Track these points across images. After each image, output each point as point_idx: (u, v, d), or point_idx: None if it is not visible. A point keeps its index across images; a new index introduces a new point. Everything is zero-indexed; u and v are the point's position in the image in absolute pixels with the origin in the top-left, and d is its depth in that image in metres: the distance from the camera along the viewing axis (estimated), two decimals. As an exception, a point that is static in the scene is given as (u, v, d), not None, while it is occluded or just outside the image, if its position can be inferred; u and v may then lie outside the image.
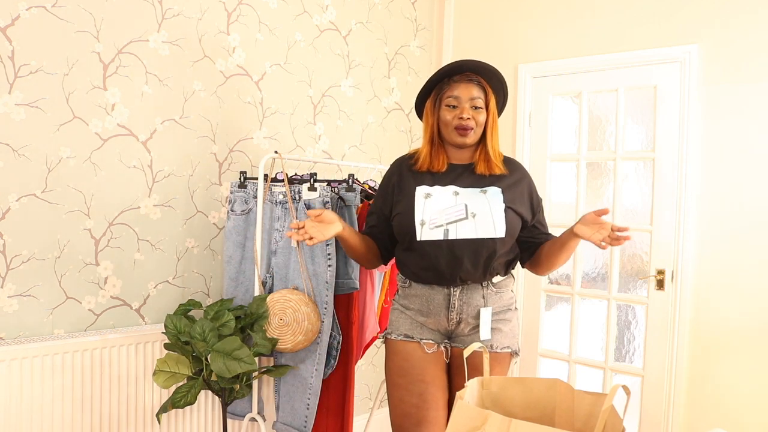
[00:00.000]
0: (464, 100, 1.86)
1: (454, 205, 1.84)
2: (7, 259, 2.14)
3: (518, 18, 3.41)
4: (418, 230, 1.83)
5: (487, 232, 1.81)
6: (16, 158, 2.14)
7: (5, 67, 2.10)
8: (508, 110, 3.45)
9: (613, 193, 3.10)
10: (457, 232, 1.81)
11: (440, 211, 1.83)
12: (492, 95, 1.91)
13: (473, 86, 1.88)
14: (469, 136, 1.88)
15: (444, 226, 1.82)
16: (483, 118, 1.89)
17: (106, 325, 2.40)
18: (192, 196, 2.64)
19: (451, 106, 1.88)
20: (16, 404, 2.06)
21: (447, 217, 1.82)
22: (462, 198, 1.85)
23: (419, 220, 1.83)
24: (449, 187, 1.88)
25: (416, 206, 1.85)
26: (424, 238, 1.82)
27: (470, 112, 1.86)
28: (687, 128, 2.85)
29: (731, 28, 2.74)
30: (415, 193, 1.87)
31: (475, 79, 1.89)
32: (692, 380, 2.85)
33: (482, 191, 1.86)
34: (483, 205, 1.83)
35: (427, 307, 1.90)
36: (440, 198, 1.85)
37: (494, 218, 1.82)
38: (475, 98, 1.87)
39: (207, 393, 2.55)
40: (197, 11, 2.61)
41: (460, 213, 1.83)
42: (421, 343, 1.90)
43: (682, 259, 2.87)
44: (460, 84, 1.88)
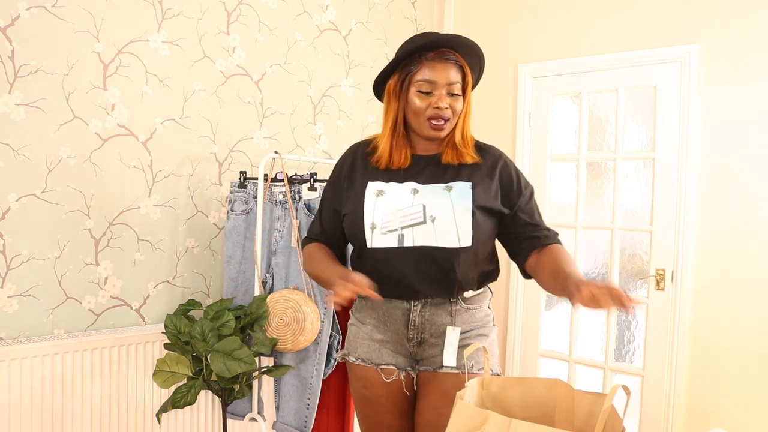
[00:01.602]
0: (441, 86, 1.52)
1: (410, 206, 1.53)
2: (7, 259, 2.14)
3: (518, 18, 3.41)
4: (368, 235, 1.53)
5: (449, 240, 1.51)
6: (16, 158, 2.14)
7: (5, 67, 2.10)
8: (509, 110, 3.44)
9: (613, 193, 3.10)
10: (414, 238, 1.51)
11: (394, 212, 1.53)
12: (470, 77, 1.59)
13: (451, 67, 1.54)
14: (444, 130, 1.56)
15: (398, 231, 1.51)
16: (461, 105, 1.57)
17: (106, 325, 2.40)
18: (192, 196, 2.64)
19: (424, 92, 1.53)
20: (16, 404, 2.06)
21: (402, 220, 1.52)
22: (421, 197, 1.54)
23: (369, 223, 1.53)
24: (407, 184, 1.57)
25: (366, 206, 1.55)
26: (375, 245, 1.53)
27: (447, 100, 1.54)
28: (687, 128, 2.85)
29: (731, 28, 2.74)
30: (365, 190, 1.57)
31: (452, 57, 1.54)
32: (692, 380, 2.85)
33: (446, 188, 1.55)
34: (445, 206, 1.52)
35: (384, 323, 1.61)
36: (395, 196, 1.55)
37: (458, 223, 1.51)
38: (453, 83, 1.54)
39: (207, 393, 2.55)
40: (197, 11, 2.61)
41: (417, 216, 1.52)
42: (378, 370, 1.61)
43: (682, 259, 2.87)
44: (436, 65, 1.53)
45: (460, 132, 1.60)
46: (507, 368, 3.39)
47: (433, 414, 1.54)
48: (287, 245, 2.47)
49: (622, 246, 3.09)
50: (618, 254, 3.09)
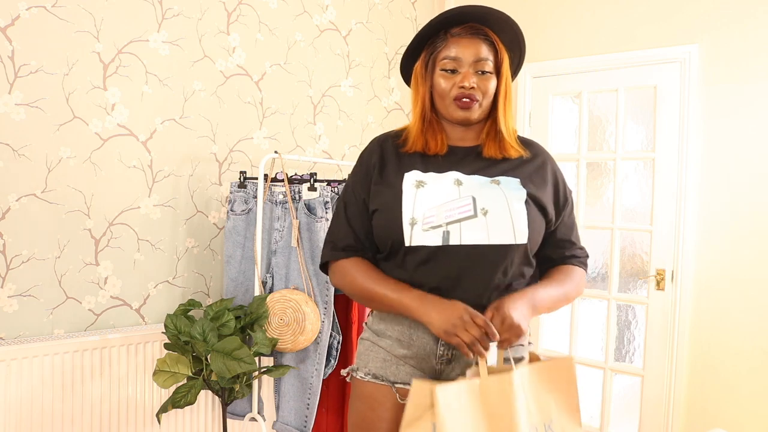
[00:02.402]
0: (466, 63, 1.36)
1: (457, 198, 1.33)
2: (7, 259, 2.14)
3: (518, 18, 3.38)
4: (407, 232, 1.31)
5: (504, 236, 1.31)
6: (16, 158, 2.14)
7: (5, 67, 2.10)
8: (508, 110, 3.44)
9: (613, 193, 3.10)
10: (462, 235, 1.30)
11: (438, 206, 1.32)
12: (505, 55, 1.41)
13: (479, 43, 1.37)
14: (473, 110, 1.38)
15: (443, 227, 1.31)
16: (493, 85, 1.38)
17: (106, 325, 2.40)
18: (192, 196, 2.64)
19: (449, 71, 1.37)
20: (16, 404, 2.06)
21: (448, 215, 1.31)
22: (467, 189, 1.35)
23: (408, 219, 1.32)
24: (449, 174, 1.38)
25: (405, 199, 1.34)
26: (416, 243, 1.31)
27: (474, 78, 1.36)
28: (687, 128, 2.85)
29: (731, 28, 2.74)
30: (402, 181, 1.37)
31: (482, 32, 1.38)
32: (692, 380, 2.85)
33: (494, 181, 1.37)
34: (497, 198, 1.33)
35: (409, 337, 1.38)
36: (437, 188, 1.35)
37: (513, 217, 1.32)
38: (482, 60, 1.37)
39: (207, 393, 2.55)
40: (197, 11, 2.61)
41: (467, 209, 1.32)
42: (393, 389, 1.38)
43: (682, 259, 2.87)
44: (462, 40, 1.37)
45: (502, 120, 1.41)
46: (507, 368, 3.38)
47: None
48: (287, 245, 2.47)
49: (622, 246, 3.09)
50: (618, 254, 3.09)
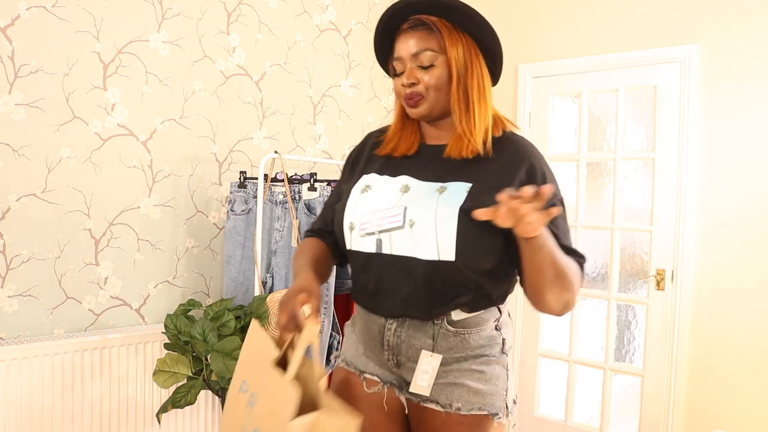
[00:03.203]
0: (406, 59, 1.31)
1: (390, 207, 1.29)
2: (7, 259, 2.14)
3: (518, 18, 3.41)
4: (347, 236, 1.34)
5: (428, 252, 1.23)
6: (16, 158, 2.14)
7: (5, 67, 2.10)
8: (509, 110, 3.44)
9: (613, 193, 3.10)
10: (392, 245, 1.27)
11: (373, 212, 1.30)
12: (452, 39, 1.30)
13: (415, 35, 1.30)
14: (419, 106, 1.31)
15: (376, 235, 1.29)
16: (438, 75, 1.29)
17: (106, 325, 2.40)
18: (192, 196, 2.64)
19: (398, 73, 1.34)
20: (16, 404, 2.06)
21: (380, 223, 1.29)
22: (408, 197, 1.29)
23: (348, 223, 1.33)
24: (400, 179, 1.34)
25: (349, 202, 1.35)
26: (354, 248, 1.33)
27: (415, 73, 1.29)
28: (687, 128, 2.85)
29: (731, 28, 2.74)
30: (357, 183, 1.38)
31: (420, 23, 1.30)
32: (692, 380, 2.85)
33: (440, 189, 1.28)
34: (427, 210, 1.25)
35: (364, 336, 1.39)
36: (379, 194, 1.33)
37: (438, 232, 1.22)
38: (419, 53, 1.29)
39: (207, 393, 2.55)
40: (197, 11, 2.61)
41: (396, 219, 1.27)
42: (361, 377, 1.38)
43: (682, 259, 2.87)
44: (401, 37, 1.32)
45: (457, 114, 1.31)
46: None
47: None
48: (287, 245, 2.47)
49: (622, 246, 3.09)
50: (618, 254, 3.08)
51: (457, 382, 1.30)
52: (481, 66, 1.35)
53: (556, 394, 3.29)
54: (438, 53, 1.29)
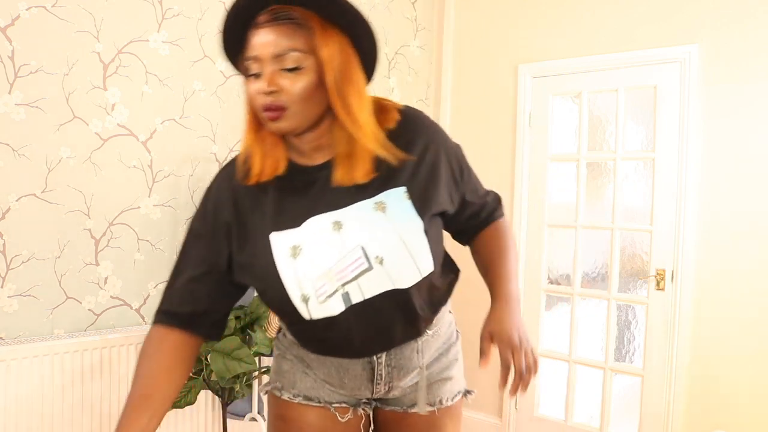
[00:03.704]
0: (265, 60, 1.04)
1: (344, 255, 1.10)
2: (7, 259, 2.14)
3: (518, 18, 3.41)
4: (303, 309, 1.11)
5: (409, 279, 1.12)
6: (16, 158, 2.14)
7: (5, 67, 2.10)
8: (509, 110, 3.44)
9: (613, 193, 3.10)
10: (363, 291, 1.10)
11: (325, 272, 1.10)
12: (324, 37, 1.04)
13: (277, 30, 1.04)
14: (281, 121, 1.06)
15: (340, 290, 1.10)
16: (303, 83, 1.04)
17: (106, 325, 2.40)
18: (192, 196, 2.64)
19: (254, 75, 1.07)
20: (16, 404, 2.06)
21: (340, 276, 1.09)
22: (350, 233, 1.10)
23: (298, 297, 1.10)
24: (323, 218, 1.11)
25: (284, 275, 1.10)
26: (318, 316, 1.12)
27: (276, 79, 1.04)
28: (687, 128, 2.85)
29: (731, 28, 2.74)
30: (271, 250, 1.11)
31: (284, 15, 1.04)
32: (692, 380, 2.85)
33: (377, 205, 1.11)
34: (389, 238, 1.10)
35: (339, 379, 1.25)
36: (316, 251, 1.10)
37: (415, 257, 1.11)
38: (282, 53, 1.03)
39: (207, 393, 2.55)
40: (197, 11, 2.61)
41: (360, 263, 1.10)
42: (331, 408, 1.27)
43: (682, 259, 2.87)
44: (259, 32, 1.05)
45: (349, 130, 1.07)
46: (507, 368, 3.38)
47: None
48: (287, 245, 2.46)
49: (622, 246, 3.09)
50: (618, 254, 3.09)
51: (441, 378, 1.30)
52: (356, 68, 1.09)
53: (556, 394, 3.29)
54: (306, 54, 1.04)
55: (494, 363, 1.17)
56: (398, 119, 1.15)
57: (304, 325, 1.14)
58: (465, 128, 3.59)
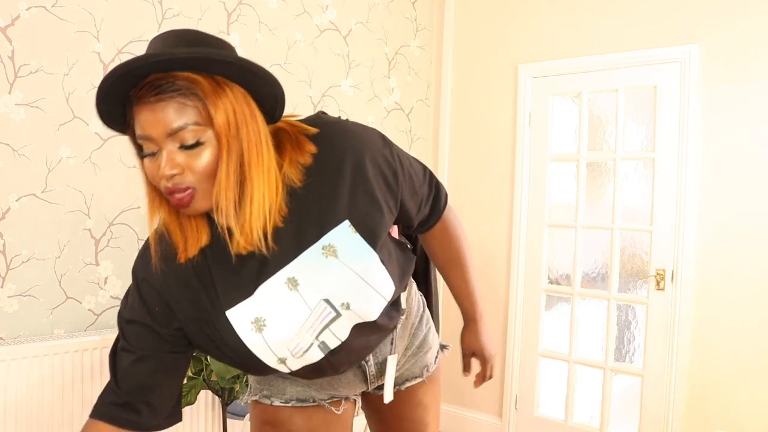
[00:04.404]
0: (161, 139, 0.92)
1: (309, 314, 1.05)
2: (7, 259, 2.14)
3: (518, 18, 3.41)
4: (282, 369, 1.09)
5: (375, 308, 1.10)
6: (16, 158, 2.14)
7: (5, 67, 2.10)
8: (509, 110, 3.44)
9: (613, 193, 3.10)
10: (337, 335, 1.09)
11: (296, 334, 1.05)
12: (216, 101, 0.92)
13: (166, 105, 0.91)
14: (194, 203, 0.95)
15: (316, 343, 1.08)
16: (208, 159, 0.93)
17: (106, 325, 2.40)
18: (192, 196, 2.64)
19: (150, 154, 0.94)
20: (16, 404, 2.06)
21: (312, 331, 1.06)
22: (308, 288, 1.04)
23: (274, 361, 1.07)
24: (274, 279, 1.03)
25: (255, 350, 1.04)
26: (298, 368, 1.10)
27: (177, 160, 0.92)
28: (687, 128, 2.85)
29: (731, 28, 2.74)
30: (233, 328, 1.03)
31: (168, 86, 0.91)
32: (692, 380, 2.85)
33: (325, 250, 1.03)
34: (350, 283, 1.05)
35: (331, 386, 1.28)
36: (280, 316, 1.04)
37: (378, 289, 1.08)
38: (177, 129, 0.91)
39: (207, 393, 2.55)
40: (197, 11, 2.61)
41: (327, 314, 1.06)
42: (326, 405, 1.28)
43: (682, 259, 2.87)
44: (143, 108, 0.92)
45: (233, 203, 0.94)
46: (507, 368, 3.39)
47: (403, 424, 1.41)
48: (287, 245, 2.46)
49: (622, 246, 3.09)
50: (618, 254, 3.09)
51: (424, 349, 1.38)
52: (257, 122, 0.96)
53: (556, 394, 3.29)
54: (202, 126, 0.92)
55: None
56: (314, 151, 1.03)
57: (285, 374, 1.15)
58: (465, 128, 3.60)
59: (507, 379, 3.39)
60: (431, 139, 3.70)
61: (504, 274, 3.43)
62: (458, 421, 3.42)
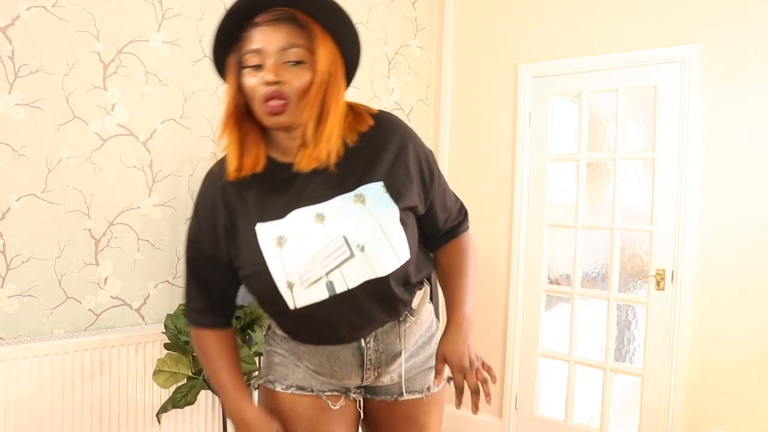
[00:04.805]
0: (270, 53, 1.11)
1: (327, 244, 1.17)
2: (7, 259, 2.14)
3: (518, 18, 3.41)
4: (288, 297, 1.18)
5: (388, 265, 1.19)
6: (16, 158, 2.14)
7: (5, 67, 2.10)
8: (509, 110, 3.44)
9: (613, 193, 3.10)
10: (346, 279, 1.17)
11: (310, 259, 1.17)
12: (322, 41, 1.14)
13: (284, 27, 1.12)
14: (284, 113, 1.13)
15: (324, 278, 1.17)
16: (305, 79, 1.13)
17: (106, 325, 2.40)
18: (192, 196, 2.64)
19: (254, 66, 1.13)
20: (16, 404, 2.06)
21: (324, 264, 1.17)
22: (332, 225, 1.18)
23: (283, 283, 1.18)
24: (306, 211, 1.19)
25: (270, 262, 1.17)
26: (302, 304, 1.19)
27: (282, 71, 1.11)
28: (687, 128, 2.85)
29: (731, 28, 2.74)
30: (258, 240, 1.19)
31: (289, 15, 1.13)
32: (692, 380, 2.85)
33: (356, 198, 1.19)
34: (369, 228, 1.18)
35: (330, 368, 1.32)
36: (301, 240, 1.18)
37: (393, 244, 1.19)
38: (288, 48, 1.11)
39: (207, 393, 2.55)
40: (197, 11, 2.61)
41: (342, 251, 1.17)
42: (323, 396, 1.33)
43: (682, 259, 2.86)
44: (265, 27, 1.12)
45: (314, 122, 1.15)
46: (507, 368, 3.39)
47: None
48: (287, 245, 2.46)
49: (622, 246, 3.09)
50: (618, 254, 3.08)
51: (427, 367, 1.39)
52: (341, 75, 1.21)
53: (556, 394, 3.29)
54: (307, 51, 1.13)
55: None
56: (372, 123, 1.24)
57: (288, 314, 1.21)
58: (465, 128, 3.60)
59: (507, 379, 3.39)
60: (431, 139, 3.70)
61: (504, 274, 3.43)
62: (458, 421, 3.42)
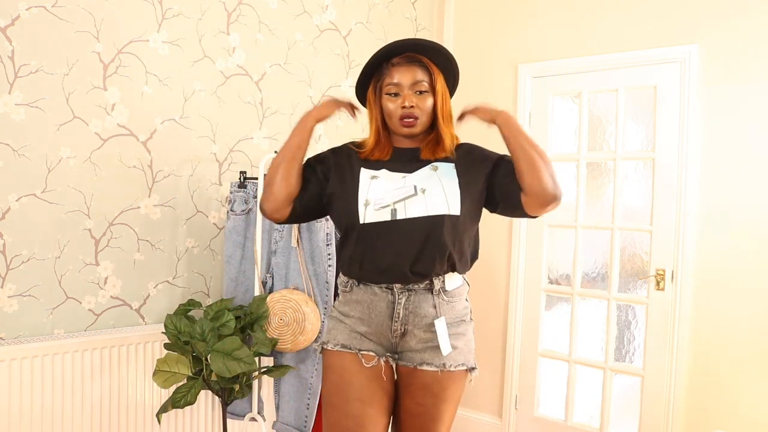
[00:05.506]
0: (406, 86, 1.67)
1: (402, 186, 1.67)
2: (7, 259, 2.14)
3: (518, 18, 3.41)
4: (362, 212, 1.64)
5: (439, 208, 1.63)
6: (16, 158, 2.14)
7: (5, 67, 2.10)
8: (508, 110, 3.43)
9: (613, 193, 3.10)
10: (406, 210, 1.63)
11: (387, 191, 1.66)
12: (439, 75, 1.72)
13: (415, 68, 1.68)
14: (416, 126, 1.70)
15: (391, 206, 1.63)
16: (430, 102, 1.70)
17: (106, 325, 2.40)
18: (192, 196, 2.64)
19: (393, 94, 1.69)
20: (16, 404, 2.06)
21: (395, 195, 1.65)
22: (410, 179, 1.69)
23: (363, 201, 1.65)
24: (397, 173, 1.71)
25: (360, 186, 1.68)
26: (369, 220, 1.63)
27: (414, 98, 1.68)
28: (687, 128, 2.85)
29: (731, 28, 2.75)
30: (359, 174, 1.71)
31: (416, 59, 1.69)
32: (692, 380, 2.85)
33: (432, 167, 1.71)
34: (434, 180, 1.68)
35: (368, 315, 1.69)
36: (387, 179, 1.69)
37: (446, 193, 1.65)
38: (419, 81, 1.68)
39: (207, 393, 2.55)
40: (197, 11, 2.61)
41: (409, 190, 1.66)
42: (359, 355, 1.69)
43: (682, 259, 2.87)
44: (400, 68, 1.68)
45: (444, 133, 1.73)
46: (507, 368, 3.39)
47: (413, 404, 1.70)
48: (287, 245, 2.47)
49: (622, 246, 3.09)
50: (618, 254, 3.09)
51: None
52: (449, 97, 1.78)
53: (556, 394, 3.29)
54: (430, 84, 1.70)
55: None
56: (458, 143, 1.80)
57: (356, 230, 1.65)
58: (465, 128, 3.59)
59: (507, 379, 3.39)
60: (431, 139, 3.70)
61: (504, 274, 3.43)
62: (458, 421, 3.42)
